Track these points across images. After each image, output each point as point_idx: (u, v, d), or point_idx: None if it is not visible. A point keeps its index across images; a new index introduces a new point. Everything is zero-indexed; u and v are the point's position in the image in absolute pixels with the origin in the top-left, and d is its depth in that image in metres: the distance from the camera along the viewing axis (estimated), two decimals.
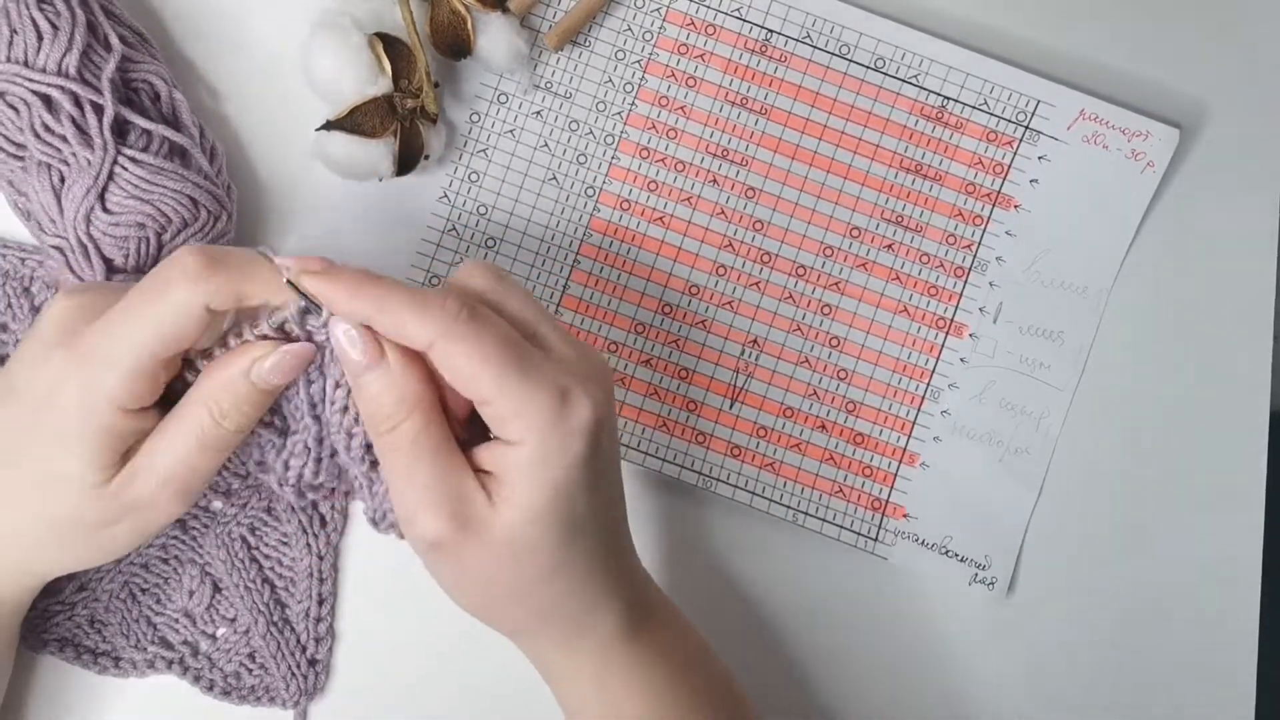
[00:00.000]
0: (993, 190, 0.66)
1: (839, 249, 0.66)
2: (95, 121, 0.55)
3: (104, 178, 0.55)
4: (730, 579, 0.65)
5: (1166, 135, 0.65)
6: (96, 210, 0.55)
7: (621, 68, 0.65)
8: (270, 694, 0.62)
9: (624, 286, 0.65)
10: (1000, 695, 0.66)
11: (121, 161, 0.55)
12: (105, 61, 0.56)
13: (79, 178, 0.55)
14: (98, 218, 0.56)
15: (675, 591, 0.58)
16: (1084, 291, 0.66)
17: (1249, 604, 0.65)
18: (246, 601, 0.62)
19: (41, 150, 0.55)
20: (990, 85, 0.65)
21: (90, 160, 0.55)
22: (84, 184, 0.55)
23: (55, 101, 0.55)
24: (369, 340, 0.47)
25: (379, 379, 0.48)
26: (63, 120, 0.55)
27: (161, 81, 0.58)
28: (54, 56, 0.55)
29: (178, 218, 0.57)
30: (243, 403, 0.49)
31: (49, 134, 0.55)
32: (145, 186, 0.56)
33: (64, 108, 0.55)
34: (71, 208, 0.55)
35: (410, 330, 0.47)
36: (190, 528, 0.62)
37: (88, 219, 0.55)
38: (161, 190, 0.56)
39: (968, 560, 0.65)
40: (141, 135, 0.56)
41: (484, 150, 0.65)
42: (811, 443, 0.65)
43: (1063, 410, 0.66)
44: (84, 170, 0.55)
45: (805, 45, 0.65)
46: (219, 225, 0.59)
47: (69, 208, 0.55)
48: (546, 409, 0.47)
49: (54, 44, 0.55)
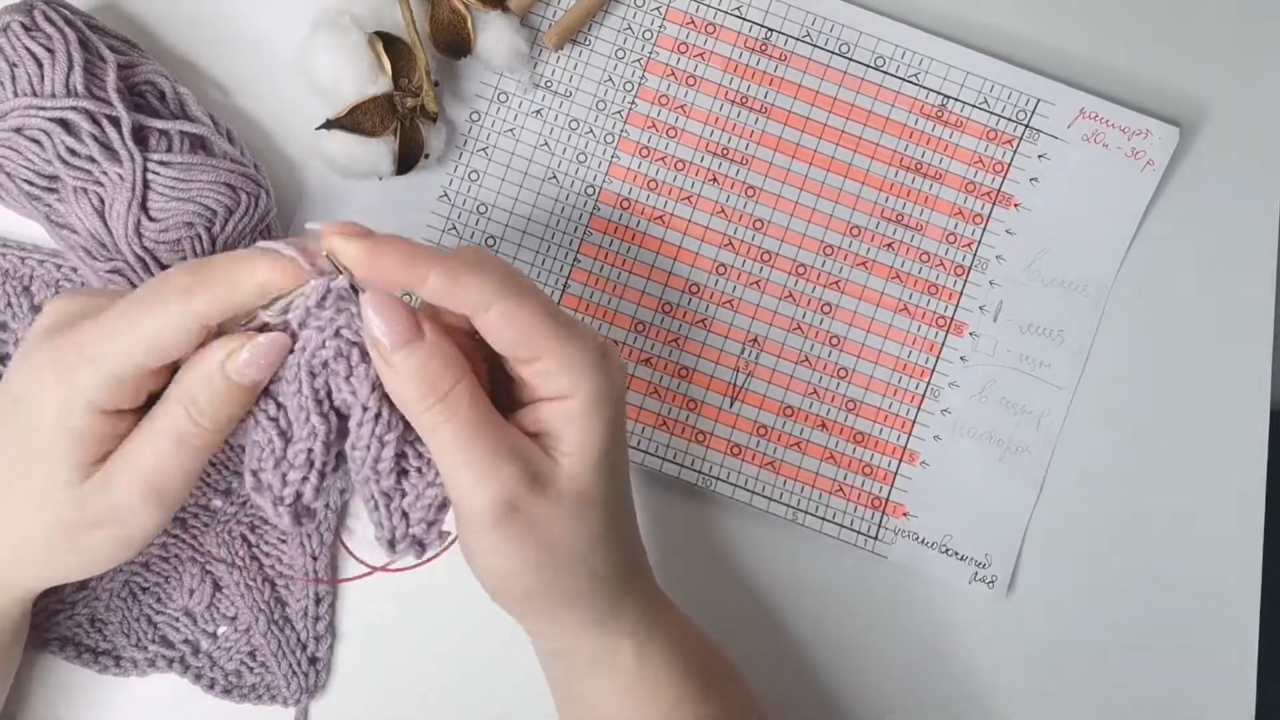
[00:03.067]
0: (993, 189, 0.66)
1: (839, 247, 0.66)
2: (116, 134, 0.55)
3: (140, 186, 0.55)
4: (730, 578, 0.65)
5: (1166, 134, 0.65)
6: (143, 221, 0.55)
7: (621, 66, 0.65)
8: (271, 692, 0.62)
9: (624, 285, 0.65)
10: (1000, 693, 0.66)
11: (151, 168, 0.55)
12: (106, 72, 0.56)
13: (117, 194, 0.55)
14: (146, 228, 0.55)
15: (674, 590, 0.58)
16: (1084, 290, 0.66)
17: (1249, 603, 0.65)
18: (247, 600, 0.62)
19: (73, 176, 0.55)
20: (990, 84, 0.65)
21: (123, 174, 0.55)
22: (124, 198, 0.55)
23: (73, 124, 0.55)
24: (406, 314, 0.46)
25: (422, 350, 0.46)
26: (85, 140, 0.55)
27: (163, 79, 0.58)
28: (59, 80, 0.55)
29: (221, 207, 0.57)
30: (218, 399, 0.47)
31: (75, 158, 0.55)
32: (181, 185, 0.56)
33: (83, 128, 0.54)
34: (119, 225, 0.55)
35: (472, 292, 0.46)
36: (190, 526, 0.62)
37: (138, 232, 0.55)
38: (199, 185, 0.56)
39: (968, 559, 0.65)
40: (161, 138, 0.56)
41: (484, 149, 0.65)
42: (811, 441, 0.65)
43: (1063, 409, 0.66)
44: (120, 185, 0.55)
45: (805, 44, 0.65)
46: (260, 205, 0.59)
47: (116, 226, 0.55)
48: (596, 360, 0.48)
49: (55, 67, 0.55)
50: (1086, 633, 0.66)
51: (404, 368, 0.46)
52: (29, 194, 0.56)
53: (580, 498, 0.49)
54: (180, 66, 0.63)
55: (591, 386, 0.48)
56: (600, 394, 0.48)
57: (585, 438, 0.48)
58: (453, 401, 0.46)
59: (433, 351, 0.46)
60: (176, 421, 0.47)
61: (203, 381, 0.47)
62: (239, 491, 0.61)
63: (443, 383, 0.46)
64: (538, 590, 0.51)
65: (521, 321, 0.47)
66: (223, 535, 0.62)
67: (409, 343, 0.46)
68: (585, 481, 0.49)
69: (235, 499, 0.62)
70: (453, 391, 0.46)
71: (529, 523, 0.48)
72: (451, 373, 0.46)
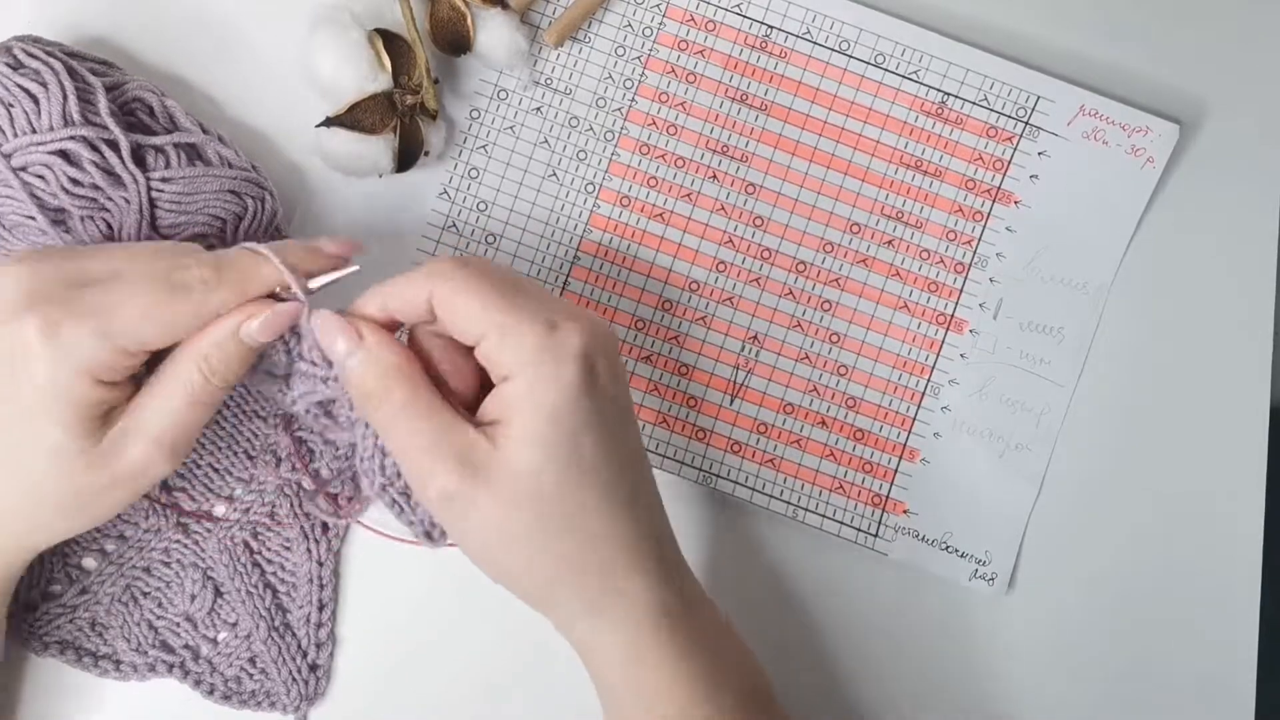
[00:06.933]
0: (993, 186, 0.66)
1: (839, 245, 0.65)
2: (116, 158, 0.55)
3: (147, 206, 0.55)
4: (729, 576, 0.65)
5: (1166, 131, 0.65)
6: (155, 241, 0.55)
7: (621, 64, 0.65)
8: (271, 699, 0.62)
9: (624, 283, 0.65)
10: (1000, 690, 0.66)
11: (155, 186, 0.56)
12: (97, 97, 0.56)
13: (125, 218, 0.55)
14: None
15: None
16: (1084, 287, 0.66)
17: (1249, 600, 0.66)
18: (248, 606, 0.61)
19: (79, 206, 0.55)
20: (990, 81, 0.65)
21: (128, 198, 0.55)
22: (132, 220, 0.55)
23: (73, 154, 0.55)
24: (346, 324, 0.50)
25: (360, 359, 0.50)
26: (87, 168, 0.55)
27: (149, 93, 0.58)
28: (55, 112, 0.55)
29: (229, 215, 0.57)
30: (231, 360, 0.51)
31: (79, 187, 0.55)
32: (187, 199, 0.56)
33: (83, 156, 0.55)
34: None
35: (407, 293, 0.50)
36: (193, 532, 0.61)
37: None
38: (203, 196, 0.57)
39: (968, 556, 0.65)
40: (158, 155, 0.56)
41: (484, 146, 0.65)
42: (811, 439, 0.65)
43: (1063, 406, 0.66)
44: (127, 209, 0.55)
45: (805, 41, 0.65)
46: (267, 207, 0.59)
47: None
48: (533, 336, 0.49)
49: (50, 100, 0.55)
50: (1086, 629, 0.66)
51: (350, 380, 0.51)
52: (39, 229, 0.55)
53: (519, 480, 0.49)
54: (166, 82, 0.63)
55: (530, 367, 0.49)
56: (539, 374, 0.49)
57: (525, 418, 0.49)
58: (391, 406, 0.50)
59: (369, 360, 0.50)
60: (191, 379, 0.50)
61: (219, 343, 0.50)
62: (242, 499, 0.61)
63: (379, 389, 0.50)
64: (508, 571, 0.52)
65: (455, 303, 0.49)
66: (225, 542, 0.61)
67: (350, 355, 0.50)
68: (524, 462, 0.49)
69: (238, 506, 0.61)
70: (389, 397, 0.50)
71: (472, 508, 0.49)
72: (387, 379, 0.50)
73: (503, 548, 0.51)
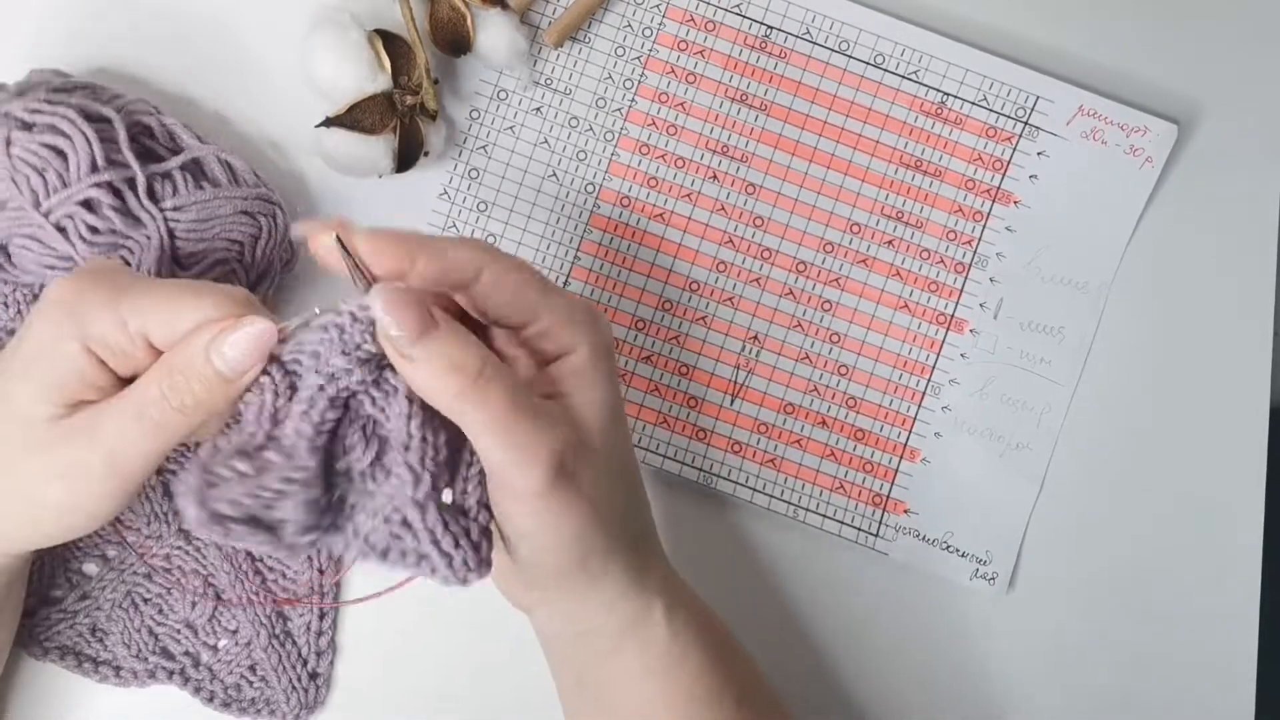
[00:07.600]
0: (992, 186, 0.66)
1: (839, 245, 0.65)
2: (133, 197, 0.54)
3: (166, 239, 0.54)
4: (730, 576, 0.65)
5: (1165, 131, 0.65)
6: (177, 273, 0.55)
7: (621, 64, 0.65)
8: (271, 706, 0.61)
9: (624, 283, 0.65)
10: (1000, 689, 0.66)
11: (170, 218, 0.55)
12: (116, 134, 0.54)
13: (145, 255, 0.54)
14: (181, 279, 0.54)
15: None
16: (1084, 287, 0.66)
17: (1249, 599, 0.66)
18: (249, 613, 0.61)
19: (97, 252, 0.54)
20: (989, 81, 0.65)
21: (149, 235, 0.54)
22: (152, 256, 0.54)
23: (94, 200, 0.54)
24: (419, 304, 0.45)
25: (444, 337, 0.45)
26: (106, 214, 0.54)
27: (147, 115, 0.57)
28: (84, 163, 0.53)
29: (246, 236, 0.57)
30: (193, 380, 0.45)
31: (97, 235, 0.54)
32: (203, 226, 0.56)
33: (103, 202, 0.54)
34: None
35: (462, 263, 0.46)
36: (194, 538, 0.61)
37: None
38: (219, 220, 0.56)
39: (968, 555, 0.65)
40: (165, 182, 0.56)
41: (484, 147, 0.64)
42: (812, 439, 0.65)
43: (1063, 405, 0.66)
44: (147, 246, 0.54)
45: (805, 41, 0.65)
46: (280, 223, 0.59)
47: None
48: (588, 313, 0.50)
49: (76, 152, 0.53)
50: (1086, 629, 0.66)
51: (427, 358, 0.45)
52: None
53: (611, 451, 0.49)
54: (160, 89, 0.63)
55: (593, 338, 0.49)
56: (602, 344, 0.50)
57: (596, 391, 0.49)
58: (485, 380, 0.45)
59: (450, 336, 0.45)
60: (146, 393, 0.46)
61: (182, 356, 0.45)
62: None
63: (473, 362, 0.45)
64: (577, 562, 0.50)
65: (513, 284, 0.48)
66: (226, 549, 0.61)
67: (424, 334, 0.44)
68: (610, 435, 0.49)
69: None
70: (482, 370, 0.45)
71: (578, 484, 0.47)
72: (476, 352, 0.45)
73: (588, 523, 0.48)
